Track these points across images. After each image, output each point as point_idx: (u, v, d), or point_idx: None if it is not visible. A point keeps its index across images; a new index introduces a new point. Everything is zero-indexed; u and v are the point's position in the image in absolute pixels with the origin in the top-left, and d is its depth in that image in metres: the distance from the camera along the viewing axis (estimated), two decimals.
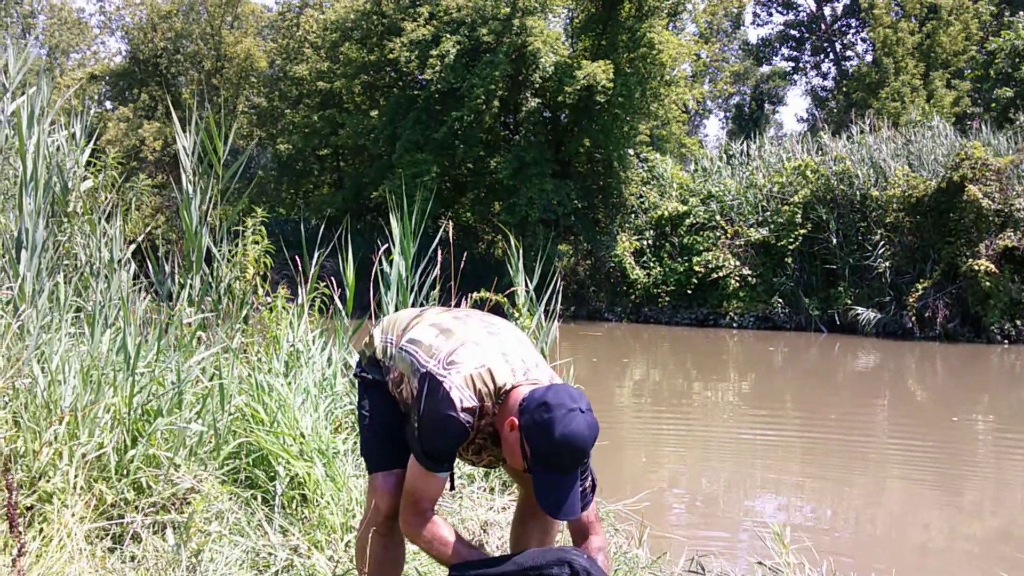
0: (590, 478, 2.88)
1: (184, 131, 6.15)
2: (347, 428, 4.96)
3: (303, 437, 4.28)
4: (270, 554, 3.63)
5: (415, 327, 3.01)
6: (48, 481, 3.55)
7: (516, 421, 2.65)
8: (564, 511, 2.64)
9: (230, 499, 3.92)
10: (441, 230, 6.20)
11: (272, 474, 4.14)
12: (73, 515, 3.44)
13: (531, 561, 2.62)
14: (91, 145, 6.93)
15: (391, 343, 3.04)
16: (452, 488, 3.31)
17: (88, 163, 6.79)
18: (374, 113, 25.71)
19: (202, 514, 3.69)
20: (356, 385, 3.38)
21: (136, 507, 3.68)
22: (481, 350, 2.82)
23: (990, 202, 17.25)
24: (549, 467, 2.61)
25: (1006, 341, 17.03)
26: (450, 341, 2.86)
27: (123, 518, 3.62)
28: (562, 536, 3.43)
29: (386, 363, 3.03)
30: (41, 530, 3.37)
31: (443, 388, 2.74)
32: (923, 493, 7.33)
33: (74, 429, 3.79)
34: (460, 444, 2.80)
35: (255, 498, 4.01)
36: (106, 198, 6.66)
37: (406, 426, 2.89)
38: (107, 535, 3.57)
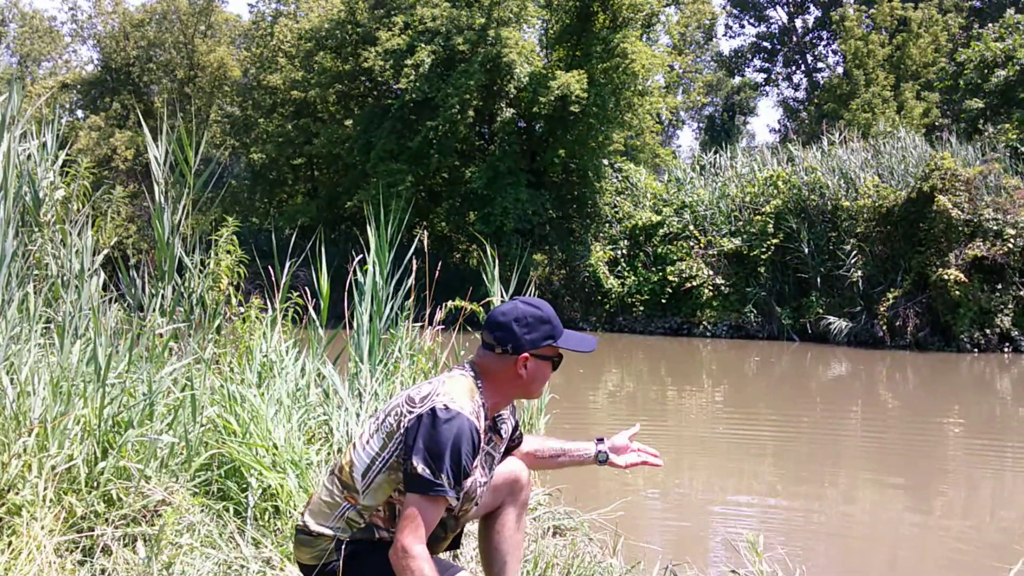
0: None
1: (156, 140, 6.11)
2: (320, 439, 4.94)
3: (276, 448, 4.26)
4: (242, 566, 3.61)
5: (364, 433, 2.87)
6: (17, 493, 3.50)
7: (525, 355, 2.84)
8: (590, 342, 2.99)
9: (202, 511, 3.89)
10: (416, 240, 6.19)
11: (244, 486, 4.11)
12: (42, 528, 3.40)
13: None
14: (63, 154, 6.86)
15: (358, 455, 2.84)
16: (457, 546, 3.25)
17: (61, 172, 6.73)
18: (348, 122, 25.68)
19: (173, 526, 3.66)
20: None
21: (106, 519, 3.64)
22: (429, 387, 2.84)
23: (959, 212, 17.44)
24: (560, 330, 2.91)
25: (976, 350, 17.21)
26: (407, 399, 2.82)
27: (93, 531, 3.58)
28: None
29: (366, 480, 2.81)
30: (10, 543, 3.33)
31: (438, 408, 2.68)
32: (895, 499, 7.39)
33: (43, 441, 3.75)
34: (477, 450, 2.72)
35: (227, 510, 3.98)
36: (78, 208, 6.61)
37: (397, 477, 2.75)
38: (77, 548, 3.53)
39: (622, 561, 4.35)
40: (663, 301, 21.21)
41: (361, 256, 5.98)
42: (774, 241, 20.27)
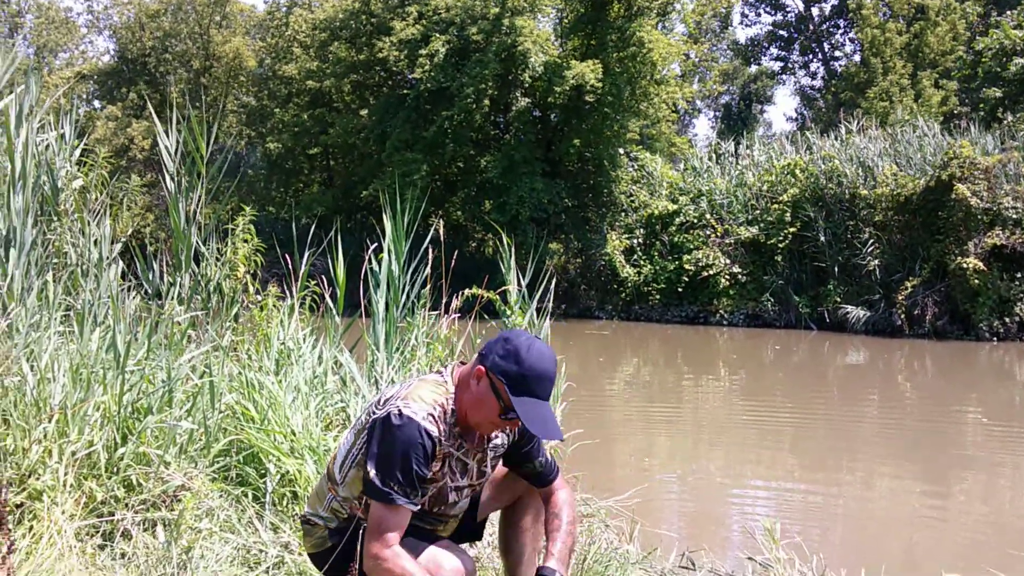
0: (552, 459, 3.03)
1: (168, 130, 6.15)
2: (337, 426, 4.95)
3: (294, 435, 4.28)
4: (261, 551, 3.63)
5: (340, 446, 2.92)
6: (38, 479, 3.53)
7: (482, 368, 2.69)
8: (552, 429, 2.67)
9: (220, 496, 3.90)
10: (432, 229, 6.19)
11: (263, 471, 4.13)
12: (63, 512, 3.43)
13: None
14: (81, 144, 6.91)
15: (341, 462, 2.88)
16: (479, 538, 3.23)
17: (78, 162, 6.77)
18: (364, 112, 25.70)
19: (192, 511, 3.68)
20: None
21: (126, 504, 3.67)
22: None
23: (978, 201, 17.33)
24: (527, 393, 2.65)
25: (995, 338, 17.09)
26: (378, 398, 2.84)
27: (113, 515, 3.60)
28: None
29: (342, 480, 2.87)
30: (31, 527, 3.36)
31: (393, 414, 2.70)
32: (913, 486, 7.36)
33: (64, 427, 3.78)
34: (431, 456, 2.70)
35: (245, 495, 4.00)
36: (96, 197, 6.65)
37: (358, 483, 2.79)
38: (97, 532, 3.56)
39: (639, 547, 4.35)
40: (679, 290, 21.15)
41: (377, 244, 5.99)
42: (791, 230, 20.18)
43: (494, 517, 3.35)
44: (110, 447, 3.85)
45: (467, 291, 6.28)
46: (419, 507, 2.72)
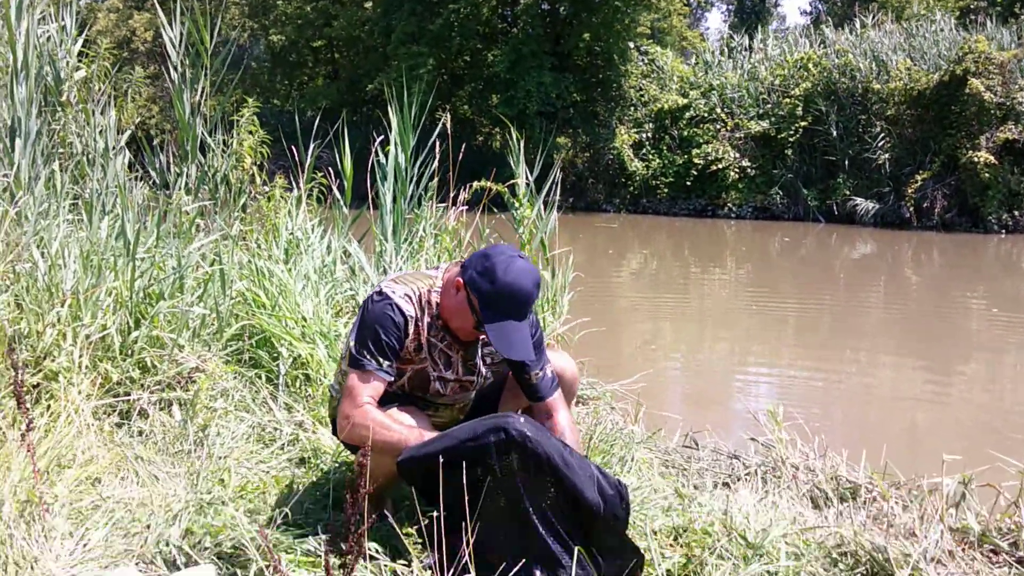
0: (554, 376, 2.97)
1: (172, 22, 6.09)
2: (347, 313, 5.02)
3: (305, 320, 4.34)
4: (276, 429, 3.72)
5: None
6: (53, 360, 3.60)
7: (460, 281, 2.73)
8: (519, 350, 2.69)
9: (234, 378, 3.99)
10: (440, 123, 6.15)
11: (275, 355, 4.20)
12: (80, 392, 3.50)
13: (468, 433, 2.58)
14: (82, 36, 6.83)
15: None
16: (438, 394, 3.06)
17: (80, 54, 6.71)
18: (368, 4, 25.18)
19: (207, 392, 3.76)
20: None
21: (142, 385, 3.75)
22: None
23: (992, 95, 17.17)
24: (499, 313, 2.67)
25: (1003, 231, 17.10)
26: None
27: (129, 395, 3.69)
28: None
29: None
30: (49, 407, 3.44)
31: (375, 293, 2.83)
32: (916, 371, 7.46)
33: (76, 311, 3.83)
34: (401, 333, 2.77)
35: (259, 377, 4.08)
36: (99, 88, 6.61)
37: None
38: (114, 411, 3.64)
39: (643, 428, 4.45)
40: (688, 183, 21.06)
41: (383, 137, 5.97)
42: (803, 124, 20.00)
43: None
44: (124, 331, 3.91)
45: (475, 183, 6.27)
46: (392, 378, 2.79)
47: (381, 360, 2.75)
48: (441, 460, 2.50)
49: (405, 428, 2.68)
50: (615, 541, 2.64)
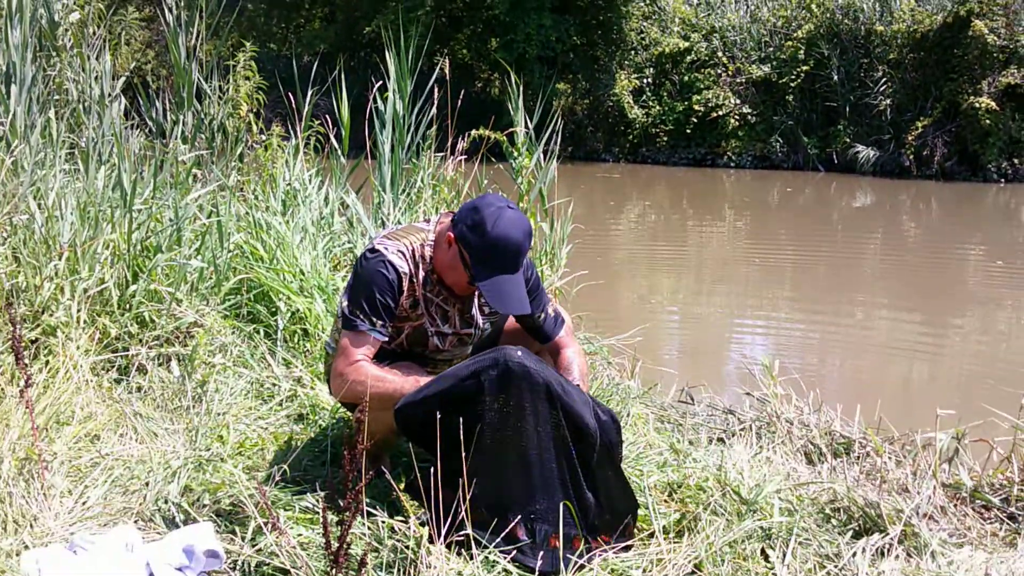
0: (557, 313, 3.01)
1: None
2: (345, 266, 5.02)
3: (303, 274, 4.34)
4: (274, 384, 3.74)
5: None
6: (51, 315, 3.61)
7: (452, 235, 2.70)
8: (514, 304, 2.67)
9: (233, 333, 4.00)
10: (437, 68, 6.07)
11: (273, 309, 4.21)
12: (78, 348, 3.52)
13: (466, 371, 2.57)
14: None
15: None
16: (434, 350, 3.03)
17: None
18: None
19: (206, 347, 3.78)
20: None
21: (140, 340, 3.76)
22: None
23: (995, 37, 16.94)
24: (492, 268, 2.65)
25: (1002, 180, 16.99)
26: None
27: (128, 351, 3.70)
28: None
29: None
30: (47, 362, 3.45)
31: (367, 250, 2.80)
32: (912, 322, 7.48)
33: (74, 264, 3.83)
34: (395, 291, 2.76)
35: (257, 332, 4.10)
36: (94, 32, 6.52)
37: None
38: (112, 367, 3.66)
39: (639, 383, 4.47)
40: (688, 131, 20.88)
41: (381, 83, 5.90)
42: (804, 68, 19.79)
43: None
44: (121, 285, 3.91)
45: (473, 132, 6.22)
46: (386, 338, 2.79)
47: (375, 320, 2.74)
48: (440, 403, 2.51)
49: (400, 377, 2.69)
50: (613, 474, 2.69)
